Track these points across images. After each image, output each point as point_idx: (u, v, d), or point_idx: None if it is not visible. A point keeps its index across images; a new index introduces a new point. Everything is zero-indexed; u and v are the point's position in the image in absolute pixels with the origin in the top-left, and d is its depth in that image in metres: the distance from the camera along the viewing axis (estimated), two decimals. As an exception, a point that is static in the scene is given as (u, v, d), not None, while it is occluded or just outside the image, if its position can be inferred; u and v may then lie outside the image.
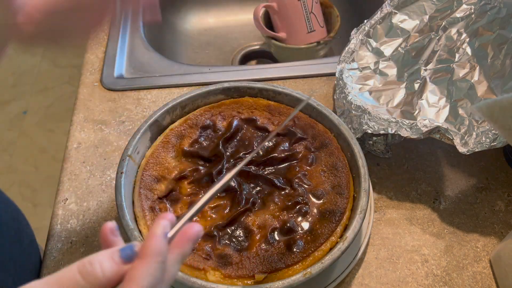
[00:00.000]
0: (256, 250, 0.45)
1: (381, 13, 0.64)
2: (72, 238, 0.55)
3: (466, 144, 0.51)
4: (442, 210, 0.57)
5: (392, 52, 0.63)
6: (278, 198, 0.50)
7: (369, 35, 0.64)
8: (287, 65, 0.73)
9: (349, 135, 0.52)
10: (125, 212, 0.46)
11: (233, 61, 0.92)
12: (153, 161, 0.52)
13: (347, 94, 0.58)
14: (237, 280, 0.44)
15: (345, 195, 0.49)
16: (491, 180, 0.60)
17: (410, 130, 0.52)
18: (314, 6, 0.78)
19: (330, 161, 0.52)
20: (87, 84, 0.71)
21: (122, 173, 0.49)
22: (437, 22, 0.62)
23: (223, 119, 0.56)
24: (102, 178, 0.60)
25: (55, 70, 1.95)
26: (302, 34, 0.78)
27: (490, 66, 0.56)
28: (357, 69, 0.62)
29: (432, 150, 0.62)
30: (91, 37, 0.34)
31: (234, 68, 0.75)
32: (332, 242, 0.46)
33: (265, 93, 0.58)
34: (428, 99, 0.57)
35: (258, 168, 0.52)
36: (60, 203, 0.58)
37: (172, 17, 0.95)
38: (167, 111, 0.55)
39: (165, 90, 0.70)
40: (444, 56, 0.60)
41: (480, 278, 0.51)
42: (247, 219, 0.48)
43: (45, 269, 0.52)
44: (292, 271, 0.44)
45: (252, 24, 0.82)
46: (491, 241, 0.54)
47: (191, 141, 0.54)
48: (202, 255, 0.45)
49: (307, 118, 0.56)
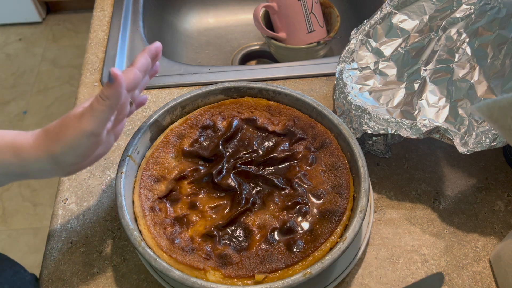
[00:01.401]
0: (256, 250, 0.46)
1: (381, 13, 0.64)
2: (72, 238, 0.55)
3: (466, 144, 0.51)
4: (442, 210, 0.57)
5: (392, 52, 0.63)
6: (278, 198, 0.50)
7: (369, 35, 0.64)
8: (287, 65, 0.73)
9: (349, 135, 0.52)
10: (125, 212, 0.46)
11: (233, 61, 0.92)
12: (153, 161, 0.52)
13: (347, 94, 0.58)
14: (237, 280, 0.44)
15: (345, 195, 0.49)
16: (491, 180, 0.60)
17: (410, 130, 0.52)
18: (314, 6, 0.78)
19: (330, 161, 0.52)
20: (87, 84, 0.71)
21: (122, 173, 0.49)
22: (437, 22, 0.62)
23: (223, 119, 0.56)
24: (102, 178, 0.60)
25: (55, 70, 1.95)
26: (302, 34, 0.78)
27: (490, 66, 0.56)
28: (357, 69, 0.62)
29: (432, 150, 0.62)
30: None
31: (234, 68, 0.75)
32: (332, 242, 0.46)
33: (265, 93, 0.58)
34: (428, 99, 0.57)
35: (258, 168, 0.52)
36: (60, 203, 0.58)
37: (172, 17, 0.96)
38: (167, 111, 0.55)
39: (165, 90, 0.70)
40: (444, 56, 0.60)
41: (480, 278, 0.52)
42: (247, 219, 0.48)
43: (45, 269, 0.52)
44: (292, 271, 0.44)
45: (252, 24, 0.82)
46: (491, 241, 0.54)
47: (191, 141, 0.54)
48: (202, 255, 0.45)
49: (307, 118, 0.56)
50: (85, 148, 0.41)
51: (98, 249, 0.54)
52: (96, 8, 0.83)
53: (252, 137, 0.55)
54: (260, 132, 0.56)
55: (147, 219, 0.47)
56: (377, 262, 0.53)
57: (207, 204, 0.50)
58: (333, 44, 0.89)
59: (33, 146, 0.41)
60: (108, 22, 0.80)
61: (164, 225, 0.48)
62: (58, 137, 0.40)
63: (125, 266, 0.53)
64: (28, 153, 0.41)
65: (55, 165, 0.42)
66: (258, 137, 0.55)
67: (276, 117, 0.56)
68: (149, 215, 0.48)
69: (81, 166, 0.44)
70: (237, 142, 0.55)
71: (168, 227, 0.47)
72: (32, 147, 0.41)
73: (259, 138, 0.55)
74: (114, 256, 0.53)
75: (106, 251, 0.54)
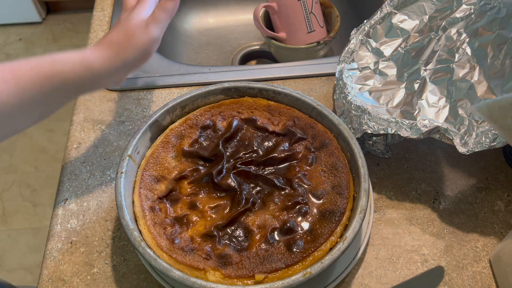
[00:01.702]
0: (256, 250, 0.46)
1: (381, 13, 0.64)
2: (72, 238, 0.55)
3: (466, 144, 0.51)
4: (441, 210, 0.57)
5: (392, 52, 0.63)
6: (278, 198, 0.50)
7: (369, 35, 0.64)
8: (287, 65, 0.73)
9: (349, 135, 0.52)
10: (125, 212, 0.46)
11: (233, 61, 0.92)
12: (153, 161, 0.52)
13: (347, 94, 0.58)
14: (237, 280, 0.44)
15: (345, 195, 0.49)
16: (491, 180, 0.60)
17: (410, 130, 0.52)
18: (314, 6, 0.78)
19: (330, 161, 0.52)
20: (87, 84, 0.71)
21: (122, 173, 0.49)
22: (437, 22, 0.62)
23: (223, 119, 0.56)
24: (102, 178, 0.60)
25: (55, 70, 1.94)
26: (302, 34, 0.78)
27: (490, 66, 0.57)
28: (357, 69, 0.62)
29: (432, 150, 0.62)
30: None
31: (234, 68, 0.75)
32: (332, 242, 0.46)
33: (265, 93, 0.58)
34: (428, 99, 0.57)
35: (258, 168, 0.52)
36: (60, 203, 0.58)
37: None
38: (167, 111, 0.55)
39: (165, 90, 0.70)
40: (444, 56, 0.60)
41: (480, 278, 0.52)
42: (247, 219, 0.48)
43: (45, 269, 0.52)
44: (292, 271, 0.44)
45: (252, 24, 0.82)
46: (490, 241, 0.54)
47: (191, 141, 0.54)
48: (202, 255, 0.45)
49: (307, 118, 0.56)
50: (151, 50, 0.52)
51: (98, 249, 0.54)
52: (96, 8, 0.83)
53: (252, 137, 0.55)
54: (260, 132, 0.56)
55: (147, 219, 0.47)
56: (377, 262, 0.53)
57: (207, 204, 0.50)
58: (333, 44, 0.89)
59: (103, 58, 0.48)
60: (108, 22, 0.80)
61: (164, 225, 0.48)
62: (129, 44, 0.49)
63: (125, 266, 0.53)
64: (100, 65, 0.48)
65: (124, 68, 0.50)
66: (258, 137, 0.55)
67: (276, 117, 0.56)
68: (149, 215, 0.48)
69: (139, 65, 0.52)
70: (237, 142, 0.55)
71: (168, 227, 0.47)
72: (104, 59, 0.48)
73: (259, 138, 0.55)
74: (114, 256, 0.53)
75: (106, 251, 0.54)
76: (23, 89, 0.42)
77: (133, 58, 0.50)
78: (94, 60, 0.47)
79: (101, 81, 0.49)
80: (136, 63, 0.51)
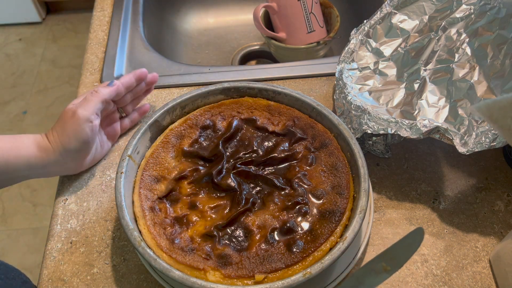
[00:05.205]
0: (256, 250, 0.46)
1: (381, 13, 0.64)
2: (72, 238, 0.55)
3: (466, 144, 0.51)
4: (441, 210, 0.57)
5: (391, 52, 0.63)
6: (278, 198, 0.50)
7: (368, 35, 0.64)
8: (287, 65, 0.73)
9: (349, 135, 0.52)
10: (125, 212, 0.46)
11: (233, 61, 0.92)
12: (153, 161, 0.52)
13: (347, 94, 0.58)
14: (237, 280, 0.44)
15: (345, 195, 0.49)
16: (490, 180, 0.60)
17: (410, 130, 0.52)
18: (314, 6, 0.78)
19: (330, 161, 0.52)
20: (87, 84, 0.71)
21: (122, 173, 0.49)
22: (437, 22, 0.62)
23: (223, 119, 0.56)
24: (102, 178, 0.60)
25: (55, 70, 1.95)
26: (302, 34, 0.78)
27: (490, 66, 0.57)
28: (356, 69, 0.62)
29: (431, 150, 0.62)
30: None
31: (234, 68, 0.75)
32: (332, 242, 0.46)
33: (265, 93, 0.58)
34: (427, 99, 0.57)
35: (258, 168, 0.52)
36: (60, 203, 0.58)
37: (172, 17, 0.96)
38: (167, 111, 0.55)
39: (165, 90, 0.70)
40: (444, 56, 0.60)
41: (480, 278, 0.52)
42: (247, 219, 0.48)
43: (45, 269, 0.52)
44: (292, 271, 0.44)
45: (252, 24, 0.82)
46: (490, 241, 0.54)
47: (191, 141, 0.54)
48: (202, 255, 0.45)
49: (307, 118, 0.56)
50: (85, 134, 0.52)
51: (98, 249, 0.54)
52: (96, 8, 0.83)
53: (252, 137, 0.55)
54: (260, 132, 0.56)
55: (147, 219, 0.47)
56: (377, 262, 0.53)
57: (207, 204, 0.50)
58: (333, 44, 0.89)
59: (50, 141, 0.53)
60: (108, 22, 0.80)
61: (164, 225, 0.48)
62: (63, 130, 0.52)
63: (125, 266, 0.53)
64: (48, 147, 0.53)
65: (65, 154, 0.53)
66: (258, 137, 0.55)
67: (276, 117, 0.56)
68: (149, 215, 0.48)
69: (84, 155, 0.55)
70: (237, 142, 0.55)
71: (168, 227, 0.47)
72: (50, 142, 0.53)
73: (259, 138, 0.55)
74: (114, 256, 0.53)
75: (106, 251, 0.54)
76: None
77: (69, 141, 0.52)
78: (44, 144, 0.53)
79: (49, 165, 0.53)
80: (76, 145, 0.53)
